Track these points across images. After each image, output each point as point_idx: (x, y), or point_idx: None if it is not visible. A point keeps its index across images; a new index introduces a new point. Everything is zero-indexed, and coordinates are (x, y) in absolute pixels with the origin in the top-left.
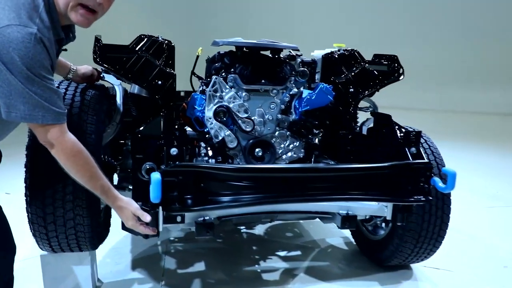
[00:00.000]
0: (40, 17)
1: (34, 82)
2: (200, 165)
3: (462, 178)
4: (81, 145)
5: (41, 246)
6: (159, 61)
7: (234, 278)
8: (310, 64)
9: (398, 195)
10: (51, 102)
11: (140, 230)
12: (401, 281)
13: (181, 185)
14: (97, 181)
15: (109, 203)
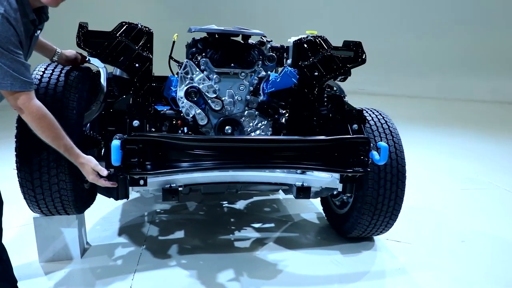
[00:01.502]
0: (8, 1)
1: (3, 55)
2: (155, 135)
3: (445, 161)
4: (45, 110)
5: (32, 208)
6: (138, 46)
7: (208, 244)
8: (279, 50)
9: (339, 166)
10: (18, 72)
11: (100, 184)
12: (362, 251)
13: (141, 152)
14: (60, 140)
15: (72, 160)
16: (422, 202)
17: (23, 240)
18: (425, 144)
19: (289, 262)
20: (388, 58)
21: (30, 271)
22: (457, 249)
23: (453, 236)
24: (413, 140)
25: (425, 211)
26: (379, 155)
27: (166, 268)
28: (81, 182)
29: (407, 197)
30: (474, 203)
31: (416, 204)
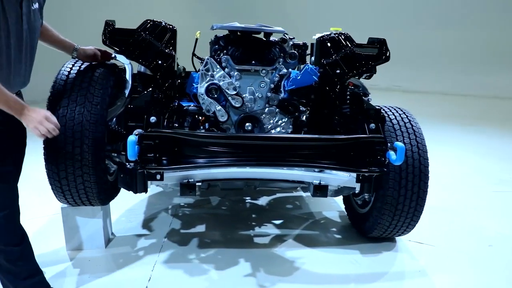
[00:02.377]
0: None
1: None
2: (170, 131)
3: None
4: None
5: (58, 198)
6: (161, 43)
7: (228, 239)
8: (301, 47)
9: (355, 166)
10: None
11: (43, 130)
12: (382, 251)
13: (157, 147)
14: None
15: (17, 115)
16: (451, 203)
17: (52, 228)
18: (458, 142)
19: (306, 259)
20: (425, 54)
21: (57, 258)
22: (483, 253)
23: (481, 240)
24: (445, 139)
25: (452, 212)
26: (396, 155)
27: (186, 261)
28: (105, 175)
29: (434, 198)
30: (506, 206)
31: (444, 205)
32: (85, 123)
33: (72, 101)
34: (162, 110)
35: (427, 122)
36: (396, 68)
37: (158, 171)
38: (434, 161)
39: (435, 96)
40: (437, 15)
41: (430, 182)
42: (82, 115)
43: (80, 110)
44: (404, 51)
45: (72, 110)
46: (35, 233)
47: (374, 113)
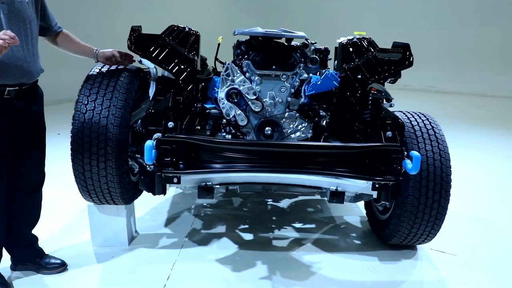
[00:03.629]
0: None
1: None
2: (186, 137)
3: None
4: None
5: (84, 197)
6: (184, 48)
7: (247, 241)
8: (322, 52)
9: (370, 174)
10: None
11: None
12: (401, 259)
13: (174, 152)
14: None
15: None
16: (479, 212)
17: (80, 224)
18: (489, 147)
19: (323, 264)
20: (460, 54)
21: (82, 253)
22: (509, 266)
23: (507, 252)
24: (479, 143)
25: (480, 221)
26: (411, 164)
27: (204, 260)
28: (128, 175)
29: (461, 205)
30: None
31: (471, 213)
32: (109, 126)
33: (98, 105)
34: (180, 116)
35: (459, 124)
36: (430, 68)
37: (175, 175)
38: (466, 166)
39: (471, 98)
40: (474, 13)
41: (458, 188)
42: (107, 119)
43: (105, 113)
44: (439, 51)
45: (97, 113)
46: (64, 228)
47: (391, 121)
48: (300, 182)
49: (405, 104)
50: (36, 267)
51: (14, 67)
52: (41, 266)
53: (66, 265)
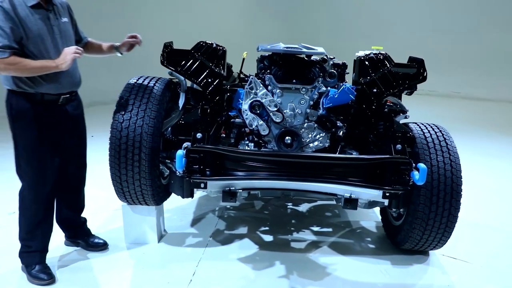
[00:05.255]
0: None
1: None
2: (213, 147)
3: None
4: (6, 66)
5: (119, 197)
6: (212, 63)
7: (267, 242)
8: (340, 66)
9: (380, 183)
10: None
11: (71, 55)
12: (413, 264)
13: (202, 160)
14: (34, 67)
15: (53, 69)
16: (492, 219)
17: (114, 222)
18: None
19: (338, 266)
20: (486, 59)
21: (116, 249)
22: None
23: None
24: (495, 151)
25: (494, 230)
26: (418, 176)
27: (227, 259)
28: (159, 179)
29: (477, 213)
30: None
31: (485, 221)
32: (143, 135)
33: (133, 115)
34: (208, 127)
35: (481, 131)
36: (456, 74)
37: (202, 181)
38: (484, 174)
39: (498, 104)
40: (502, 19)
41: (475, 197)
42: (141, 128)
43: (140, 123)
44: (465, 56)
45: (133, 123)
46: (100, 225)
47: (401, 134)
48: (315, 189)
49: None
50: (84, 244)
51: (67, 78)
52: (88, 244)
53: (107, 245)
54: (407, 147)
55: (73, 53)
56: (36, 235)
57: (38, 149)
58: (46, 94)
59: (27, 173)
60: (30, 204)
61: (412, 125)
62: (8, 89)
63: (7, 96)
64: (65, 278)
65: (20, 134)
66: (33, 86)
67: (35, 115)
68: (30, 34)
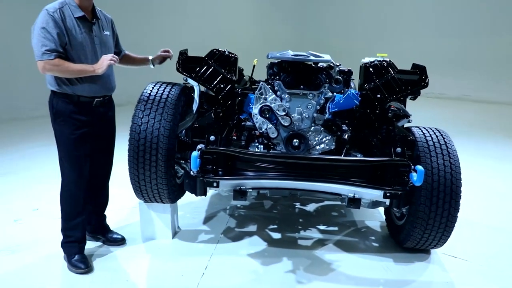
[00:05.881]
0: (57, 6)
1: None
2: (225, 149)
3: None
4: (51, 68)
5: (137, 195)
6: (224, 70)
7: (275, 239)
8: (346, 73)
9: (380, 184)
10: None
11: (107, 62)
12: (414, 261)
13: (215, 161)
14: (75, 70)
15: (91, 72)
16: (492, 219)
17: (131, 218)
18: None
19: (342, 263)
20: (497, 62)
21: (133, 244)
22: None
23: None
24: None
25: (495, 230)
26: (416, 177)
27: (237, 255)
28: (174, 179)
29: (476, 213)
30: None
31: (485, 221)
32: (160, 137)
33: (151, 119)
34: (220, 130)
35: (489, 134)
36: (466, 77)
37: (215, 180)
38: (486, 175)
39: (508, 107)
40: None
41: (476, 197)
42: (158, 130)
43: (157, 126)
44: (476, 59)
45: (151, 126)
46: (119, 221)
47: (400, 139)
48: (321, 188)
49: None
50: (104, 239)
51: (102, 83)
52: (107, 239)
53: (125, 240)
54: (408, 150)
55: (109, 60)
56: (75, 226)
57: (73, 145)
58: (82, 96)
59: (66, 167)
60: (69, 196)
61: (414, 129)
62: (51, 90)
63: (50, 97)
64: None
65: (59, 131)
66: (72, 87)
67: (72, 114)
68: (74, 42)
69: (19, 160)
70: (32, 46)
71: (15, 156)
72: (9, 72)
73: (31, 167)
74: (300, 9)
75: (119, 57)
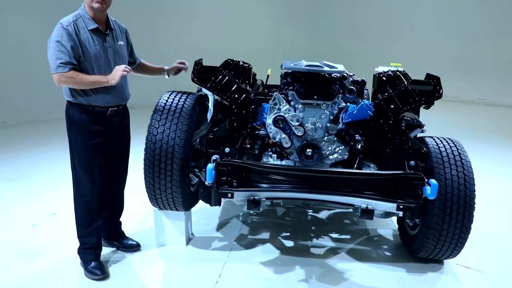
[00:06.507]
0: (71, 19)
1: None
2: (239, 161)
3: None
4: (66, 80)
5: (152, 203)
6: (238, 80)
7: (288, 247)
8: (359, 83)
9: (394, 197)
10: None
11: (120, 72)
12: (427, 272)
13: (229, 173)
14: (89, 81)
15: (104, 83)
16: (507, 229)
17: (145, 224)
18: None
19: (354, 272)
20: None
21: (148, 250)
22: None
23: None
24: None
25: (508, 240)
26: (430, 191)
27: (250, 262)
28: (188, 187)
29: (490, 223)
30: None
31: (500, 231)
32: (175, 147)
33: (166, 129)
34: (235, 142)
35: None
36: (481, 80)
37: (230, 191)
38: (502, 183)
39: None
40: None
41: (490, 206)
42: (174, 140)
43: (172, 136)
44: (490, 62)
45: (166, 135)
46: (133, 227)
47: (415, 151)
48: (333, 199)
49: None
50: (119, 245)
51: (116, 93)
52: (122, 245)
53: (140, 246)
54: (421, 163)
55: (122, 70)
56: (90, 233)
57: (88, 153)
58: (97, 106)
59: (80, 175)
60: (83, 204)
61: (427, 139)
62: (67, 100)
63: (66, 107)
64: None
65: (74, 140)
66: (86, 98)
67: (87, 123)
68: (87, 54)
69: (35, 164)
70: (48, 59)
71: (31, 160)
72: (24, 75)
73: (47, 171)
74: (312, 13)
75: (134, 66)
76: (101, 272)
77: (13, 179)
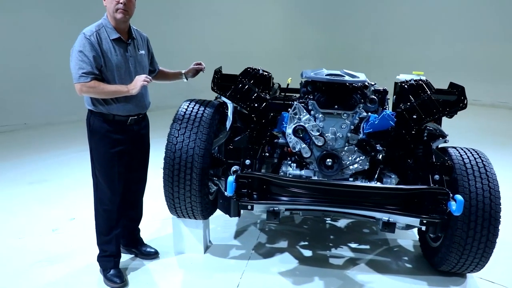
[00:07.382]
0: (94, 29)
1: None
2: (260, 174)
3: None
4: (88, 90)
5: (171, 211)
6: (258, 88)
7: (306, 257)
8: (381, 92)
9: (417, 212)
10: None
11: (140, 83)
12: (449, 286)
13: (250, 185)
14: (110, 91)
15: (125, 93)
16: None
17: (163, 231)
18: None
19: (374, 284)
20: None
21: (166, 257)
22: None
23: None
24: None
25: None
26: (455, 207)
27: (268, 272)
28: (207, 196)
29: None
30: None
31: None
32: (195, 156)
33: (186, 138)
34: (255, 154)
35: None
36: (502, 84)
37: (250, 204)
38: None
39: None
40: None
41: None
42: (193, 150)
43: (192, 145)
44: (510, 65)
45: (186, 145)
46: (151, 234)
47: (438, 165)
48: (358, 212)
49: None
50: (137, 252)
51: (136, 102)
52: (141, 252)
53: (158, 254)
54: (445, 176)
55: (143, 80)
56: (110, 241)
57: (108, 162)
58: (117, 115)
59: (101, 183)
60: (103, 212)
61: (451, 150)
62: (88, 109)
63: (87, 115)
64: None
65: (95, 148)
66: (107, 107)
67: (107, 132)
68: (109, 64)
69: (54, 167)
70: (70, 68)
71: (51, 162)
72: (44, 77)
73: (67, 174)
74: (329, 15)
75: (154, 74)
76: (120, 280)
77: (34, 182)
